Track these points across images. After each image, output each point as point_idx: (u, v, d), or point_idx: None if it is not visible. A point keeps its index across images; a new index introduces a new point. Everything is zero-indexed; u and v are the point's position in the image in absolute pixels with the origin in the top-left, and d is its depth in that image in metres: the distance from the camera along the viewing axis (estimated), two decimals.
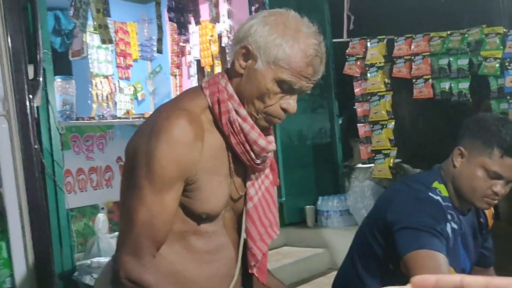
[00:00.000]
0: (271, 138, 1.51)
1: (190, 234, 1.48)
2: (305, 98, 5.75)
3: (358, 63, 4.53)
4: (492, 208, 2.14)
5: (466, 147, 1.91)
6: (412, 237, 1.76)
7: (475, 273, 2.13)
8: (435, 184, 1.96)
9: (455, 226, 1.93)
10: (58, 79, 3.76)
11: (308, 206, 5.40)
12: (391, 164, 4.54)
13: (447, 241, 1.85)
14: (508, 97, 3.91)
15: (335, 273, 4.68)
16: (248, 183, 1.54)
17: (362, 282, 2.05)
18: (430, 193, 1.91)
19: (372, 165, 4.75)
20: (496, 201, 1.90)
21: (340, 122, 6.08)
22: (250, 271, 1.59)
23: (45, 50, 3.18)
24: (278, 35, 1.38)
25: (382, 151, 4.46)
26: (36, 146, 2.89)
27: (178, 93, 5.72)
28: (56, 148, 3.49)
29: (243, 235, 1.58)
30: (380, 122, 4.43)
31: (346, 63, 4.58)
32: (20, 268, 2.89)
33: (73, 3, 3.64)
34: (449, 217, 1.90)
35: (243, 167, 1.52)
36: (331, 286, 2.26)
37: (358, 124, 4.63)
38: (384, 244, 1.96)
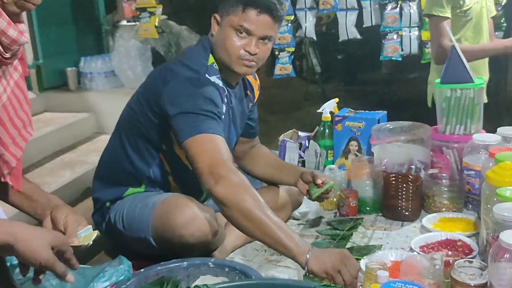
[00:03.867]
0: (23, 26, 1.23)
1: None
2: None
3: None
4: (258, 80, 2.16)
5: (220, 13, 1.90)
6: (191, 122, 1.74)
7: (241, 144, 2.18)
8: (211, 59, 1.92)
9: (226, 99, 1.93)
10: None
11: (69, 68, 5.03)
12: (156, 23, 4.34)
13: (221, 119, 1.84)
14: None
15: (102, 137, 4.56)
16: None
17: (132, 163, 1.95)
18: (207, 75, 1.85)
19: (137, 23, 4.50)
20: (254, 63, 1.89)
21: None
22: (3, 180, 1.37)
23: None
24: None
25: (148, 9, 4.21)
26: None
27: None
28: None
29: None
30: None
31: None
32: None
33: None
34: (225, 93, 1.90)
35: None
36: (98, 162, 2.13)
37: None
38: (159, 126, 1.88)
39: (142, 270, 1.62)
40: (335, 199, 2.25)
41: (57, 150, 4.35)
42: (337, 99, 2.63)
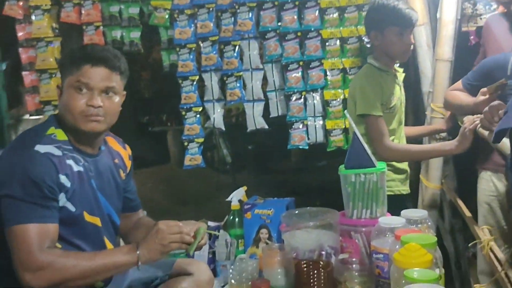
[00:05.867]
0: None
1: None
2: None
3: (21, 3, 4.04)
4: (129, 149, 2.16)
5: (61, 81, 1.93)
6: (15, 209, 1.72)
7: (125, 219, 2.13)
8: (51, 130, 1.89)
9: (80, 169, 1.89)
10: None
11: None
12: None
13: (66, 191, 1.82)
14: (178, 48, 3.96)
15: None
16: None
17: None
18: (36, 147, 1.80)
19: (41, 116, 4.38)
20: (101, 118, 1.88)
21: (4, 67, 5.48)
22: None
23: None
24: None
25: (52, 102, 4.12)
26: None
27: None
28: None
29: None
30: (49, 71, 4.07)
31: (7, 3, 4.04)
32: None
33: None
34: (68, 162, 1.85)
35: None
36: None
37: (23, 72, 4.19)
38: None
39: None
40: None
41: None
42: (245, 187, 2.62)
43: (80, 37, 4.02)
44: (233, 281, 2.23)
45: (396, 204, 2.45)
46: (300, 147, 3.94)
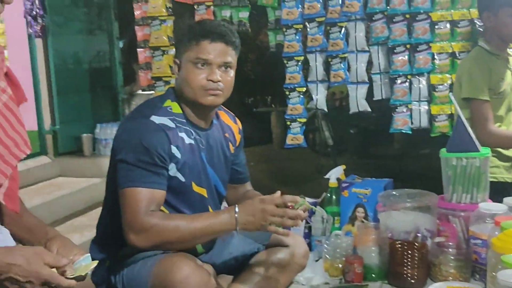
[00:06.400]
0: None
1: None
2: (81, 18, 5.33)
3: None
4: (240, 123, 2.20)
5: (178, 56, 1.99)
6: (128, 173, 1.84)
7: (232, 190, 2.19)
8: (167, 103, 1.97)
9: (192, 141, 1.96)
10: None
11: (85, 134, 5.15)
12: None
13: (177, 162, 1.90)
14: (284, 29, 4.02)
15: None
16: None
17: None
18: (152, 117, 1.89)
19: (153, 92, 4.62)
20: (220, 92, 1.94)
21: (121, 45, 5.80)
22: None
23: None
24: None
25: (163, 78, 4.33)
26: None
27: None
28: None
29: None
30: (161, 48, 4.28)
31: None
32: None
33: None
34: (181, 135, 1.93)
35: None
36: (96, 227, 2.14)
37: (138, 49, 4.43)
38: None
39: None
40: (340, 265, 2.23)
41: (68, 214, 4.39)
42: (344, 166, 2.65)
43: (191, 16, 4.18)
44: (327, 256, 2.28)
45: (499, 191, 2.38)
46: (403, 131, 3.89)
